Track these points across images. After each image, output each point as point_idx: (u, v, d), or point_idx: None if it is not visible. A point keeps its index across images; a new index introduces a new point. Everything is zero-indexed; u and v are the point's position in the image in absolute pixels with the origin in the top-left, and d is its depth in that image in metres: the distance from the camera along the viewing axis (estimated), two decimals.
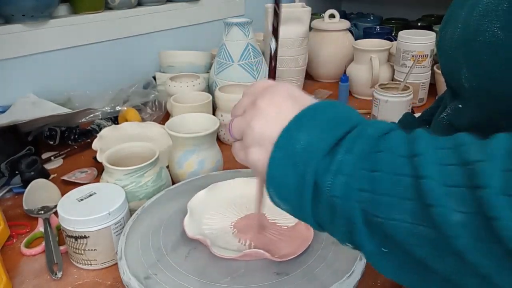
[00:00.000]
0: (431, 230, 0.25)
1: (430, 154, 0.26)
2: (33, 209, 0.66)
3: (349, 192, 0.29)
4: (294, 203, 0.32)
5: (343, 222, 0.30)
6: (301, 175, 0.31)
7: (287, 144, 0.32)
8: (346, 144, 0.30)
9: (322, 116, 0.32)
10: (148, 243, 0.51)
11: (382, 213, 0.27)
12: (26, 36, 0.98)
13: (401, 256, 0.28)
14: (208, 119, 0.74)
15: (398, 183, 0.27)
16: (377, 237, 0.28)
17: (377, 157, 0.28)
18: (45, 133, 0.87)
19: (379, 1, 1.75)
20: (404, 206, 0.26)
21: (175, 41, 1.31)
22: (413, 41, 1.04)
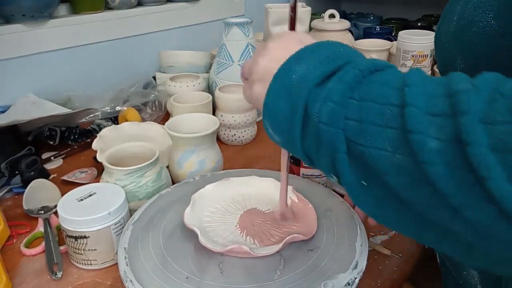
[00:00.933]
0: (408, 158, 0.25)
1: (419, 86, 0.27)
2: (33, 209, 0.66)
3: (335, 119, 0.29)
4: (286, 133, 0.33)
5: (327, 151, 0.30)
6: (293, 104, 0.32)
7: (284, 76, 0.33)
8: (340, 74, 0.31)
9: (322, 51, 0.33)
10: (148, 243, 0.51)
11: (364, 141, 0.28)
12: (26, 36, 0.98)
13: (379, 189, 0.28)
14: (208, 119, 0.74)
15: (384, 112, 0.27)
16: (358, 167, 0.29)
17: (368, 87, 0.29)
18: (45, 133, 0.87)
19: (379, 1, 1.75)
20: (386, 134, 0.27)
21: (175, 41, 1.31)
22: (413, 41, 1.04)
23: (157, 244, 0.51)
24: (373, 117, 0.27)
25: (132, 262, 0.48)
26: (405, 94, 0.26)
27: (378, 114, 0.27)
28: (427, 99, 0.26)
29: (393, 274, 0.53)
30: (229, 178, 0.62)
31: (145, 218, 0.56)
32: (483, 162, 0.22)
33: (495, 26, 0.34)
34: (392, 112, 0.27)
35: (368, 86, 0.29)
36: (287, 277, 0.45)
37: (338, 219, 0.55)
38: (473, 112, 0.23)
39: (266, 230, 0.54)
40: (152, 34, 1.25)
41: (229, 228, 0.54)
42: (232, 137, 0.88)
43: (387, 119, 0.27)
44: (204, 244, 0.48)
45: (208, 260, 0.48)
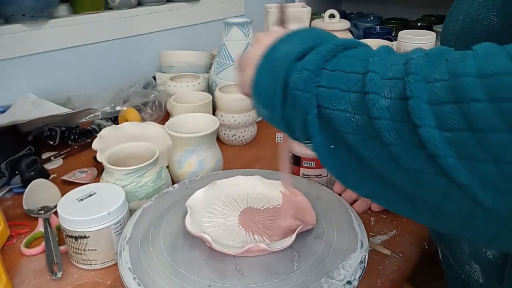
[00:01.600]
0: (364, 116, 0.29)
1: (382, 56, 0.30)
2: (33, 209, 0.66)
3: (309, 86, 0.33)
4: (269, 105, 0.36)
5: (300, 114, 0.33)
6: (275, 77, 0.35)
7: (270, 54, 0.36)
8: (317, 48, 0.34)
9: (305, 33, 0.37)
10: (148, 243, 0.51)
11: (330, 104, 0.31)
12: (26, 36, 0.98)
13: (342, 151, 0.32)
14: (208, 119, 0.74)
15: (350, 78, 0.31)
16: (326, 130, 0.32)
17: (340, 59, 0.32)
18: (45, 133, 0.87)
19: (379, 1, 1.75)
20: (349, 97, 0.30)
21: (175, 41, 1.31)
22: (413, 41, 1.04)
23: (162, 258, 0.49)
24: (340, 83, 0.31)
25: (144, 282, 0.45)
26: (368, 63, 0.30)
27: (344, 80, 0.31)
28: (386, 66, 0.29)
29: (393, 274, 0.53)
30: (215, 181, 0.61)
31: (137, 234, 0.53)
32: (418, 112, 0.26)
33: (498, 24, 0.35)
34: (356, 78, 0.30)
35: (340, 58, 0.33)
36: (305, 266, 0.47)
37: (329, 206, 0.57)
38: (419, 73, 0.27)
39: (270, 226, 0.54)
40: (152, 34, 1.25)
41: (233, 229, 0.54)
42: (232, 137, 0.88)
43: (351, 84, 0.30)
44: (219, 249, 0.48)
45: (223, 264, 0.48)
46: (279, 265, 0.47)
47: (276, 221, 0.55)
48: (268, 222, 0.55)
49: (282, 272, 0.46)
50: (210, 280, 0.45)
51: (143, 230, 0.53)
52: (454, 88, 0.25)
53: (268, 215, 0.57)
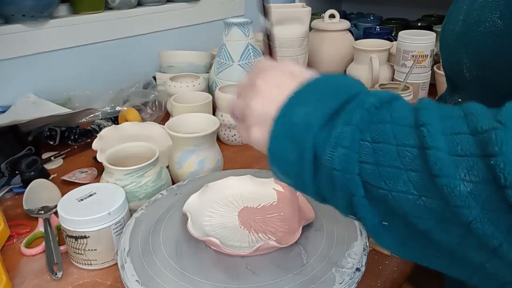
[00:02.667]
0: (437, 201, 0.25)
1: (436, 124, 0.26)
2: (33, 209, 0.66)
3: (349, 165, 0.28)
4: (296, 177, 0.32)
5: (343, 195, 0.29)
6: (300, 148, 0.30)
7: (285, 118, 0.31)
8: (345, 114, 0.29)
9: (321, 87, 0.31)
10: (148, 243, 0.51)
11: (385, 185, 0.27)
12: (26, 36, 0.98)
13: (403, 229, 0.27)
14: (208, 119, 0.74)
15: (403, 154, 0.26)
16: (379, 210, 0.28)
17: (379, 127, 0.28)
18: (45, 133, 0.87)
19: (379, 1, 1.75)
20: (408, 177, 0.26)
21: (175, 41, 1.31)
22: (413, 41, 1.04)
23: (169, 266, 0.48)
24: (390, 159, 0.26)
25: (132, 262, 0.47)
26: (423, 135, 0.25)
27: (395, 156, 0.26)
28: (449, 139, 0.25)
29: (393, 274, 0.53)
30: (207, 185, 0.60)
31: (136, 245, 0.52)
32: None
33: (502, 26, 0.34)
34: (411, 154, 0.26)
35: (378, 126, 0.28)
36: (313, 259, 0.48)
37: None
38: (507, 153, 0.22)
39: (271, 223, 0.55)
40: (152, 34, 1.25)
41: (236, 230, 0.54)
42: (232, 137, 0.88)
43: (407, 161, 0.26)
44: (229, 251, 0.48)
45: (233, 265, 0.48)
46: (288, 261, 0.48)
47: (287, 223, 0.55)
48: (269, 220, 0.55)
49: (293, 267, 0.47)
50: (224, 282, 0.45)
51: (141, 240, 0.52)
52: None
53: (267, 213, 0.57)
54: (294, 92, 0.32)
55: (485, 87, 0.38)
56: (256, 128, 0.35)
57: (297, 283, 0.44)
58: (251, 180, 0.62)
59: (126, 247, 0.51)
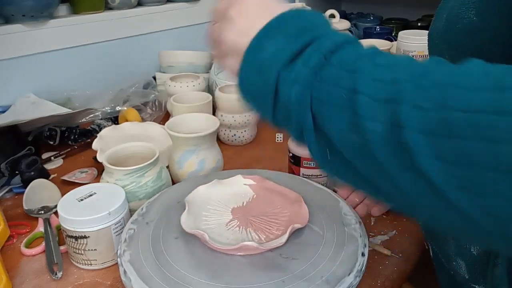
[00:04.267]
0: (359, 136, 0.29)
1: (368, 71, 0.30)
2: (33, 209, 0.66)
3: (303, 101, 0.32)
4: (259, 104, 0.37)
5: (296, 126, 0.34)
6: (265, 81, 0.34)
7: (254, 53, 0.35)
8: (304, 57, 0.33)
9: (288, 26, 0.35)
10: (151, 228, 0.51)
11: (326, 119, 0.32)
12: (26, 36, 0.98)
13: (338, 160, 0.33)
14: (208, 119, 0.74)
15: (339, 95, 0.31)
16: (322, 140, 0.33)
17: (328, 70, 0.32)
18: (45, 133, 0.87)
19: (379, 1, 1.75)
20: (341, 114, 0.30)
21: (175, 41, 1.31)
22: (413, 41, 1.04)
23: (157, 244, 0.50)
24: (331, 98, 0.31)
25: (132, 262, 0.47)
26: (356, 80, 0.30)
27: (334, 96, 0.31)
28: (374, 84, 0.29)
29: (393, 274, 0.53)
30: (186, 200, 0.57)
31: (145, 218, 0.55)
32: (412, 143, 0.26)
33: (477, 22, 0.37)
34: (345, 96, 0.30)
35: (328, 68, 0.32)
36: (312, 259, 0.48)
37: (325, 203, 0.58)
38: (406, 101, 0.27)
39: (267, 221, 0.55)
40: (152, 34, 1.25)
41: (233, 230, 0.54)
42: (232, 137, 0.88)
43: (341, 101, 0.30)
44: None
45: (233, 264, 0.48)
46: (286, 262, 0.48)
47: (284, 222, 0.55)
48: (264, 218, 0.56)
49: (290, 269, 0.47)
50: (225, 282, 0.45)
51: (141, 240, 0.51)
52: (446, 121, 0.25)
53: (261, 212, 0.57)
54: (264, 27, 0.35)
55: None
56: (228, 58, 0.38)
57: (292, 285, 0.44)
58: (220, 184, 0.61)
59: (126, 247, 0.51)
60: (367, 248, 0.49)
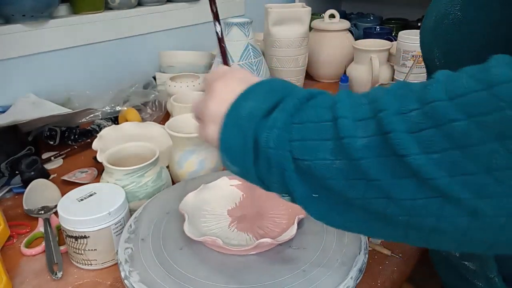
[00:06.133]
0: (343, 160, 0.30)
1: (346, 101, 0.32)
2: (33, 209, 0.66)
3: (281, 143, 0.33)
4: (240, 162, 0.37)
5: (277, 171, 0.34)
6: (244, 135, 0.35)
7: (234, 112, 0.36)
8: (281, 105, 0.35)
9: (264, 87, 0.37)
10: (148, 243, 0.51)
11: (309, 156, 0.31)
12: (26, 36, 0.98)
13: (327, 197, 0.32)
14: None
15: (321, 127, 0.31)
16: (307, 181, 0.33)
17: (306, 112, 0.33)
18: (45, 133, 0.87)
19: (379, 1, 1.75)
20: (325, 145, 0.31)
21: (175, 41, 1.31)
22: (413, 41, 1.04)
23: (157, 244, 0.51)
24: (312, 134, 0.32)
25: (132, 262, 0.47)
26: (335, 109, 0.31)
27: (316, 131, 0.32)
28: (353, 109, 0.31)
29: (393, 274, 0.53)
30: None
31: (145, 218, 0.55)
32: (400, 143, 0.27)
33: (461, 16, 0.39)
34: (327, 126, 0.31)
35: (305, 111, 0.33)
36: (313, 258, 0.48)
37: None
38: (389, 108, 0.28)
39: (267, 217, 0.55)
40: (152, 34, 1.25)
41: (237, 231, 0.54)
42: None
43: (323, 133, 0.31)
44: (232, 250, 0.48)
45: (234, 264, 0.48)
46: (288, 260, 0.48)
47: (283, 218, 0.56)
48: (261, 217, 0.56)
49: (292, 266, 0.47)
50: (225, 282, 0.45)
51: (141, 240, 0.52)
52: (429, 113, 0.26)
53: (255, 211, 0.57)
54: (243, 91, 0.37)
55: None
56: (210, 125, 0.39)
57: (297, 283, 0.44)
58: (207, 189, 0.60)
59: (131, 267, 0.49)
60: (367, 248, 0.50)
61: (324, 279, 0.44)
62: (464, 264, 0.48)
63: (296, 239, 0.51)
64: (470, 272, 0.48)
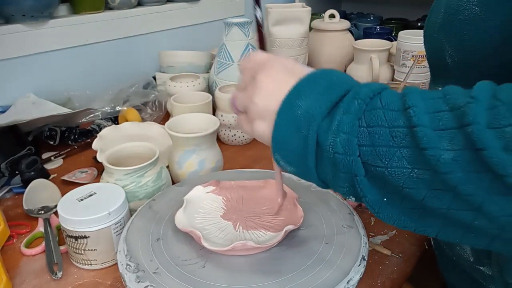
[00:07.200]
0: (426, 171, 0.28)
1: (421, 105, 0.29)
2: (33, 209, 0.66)
3: (350, 148, 0.32)
4: (299, 164, 0.35)
5: (345, 176, 0.33)
6: (304, 137, 0.34)
7: (288, 112, 0.35)
8: (343, 105, 0.33)
9: (318, 83, 0.35)
10: (148, 243, 0.51)
11: (381, 163, 0.30)
12: (26, 36, 0.98)
13: (401, 202, 0.31)
14: (208, 119, 0.74)
15: (394, 134, 0.30)
16: (378, 186, 0.32)
17: (373, 113, 0.31)
18: (45, 133, 0.87)
19: (379, 1, 1.75)
20: (401, 153, 0.29)
21: (175, 41, 1.31)
22: (413, 41, 1.04)
23: (157, 244, 0.51)
24: (384, 140, 0.30)
25: (132, 262, 0.47)
26: (410, 115, 0.29)
27: (388, 137, 0.30)
28: (431, 116, 0.29)
29: (393, 274, 0.53)
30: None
31: (145, 218, 0.55)
32: (497, 162, 0.25)
33: (479, 12, 0.38)
34: (402, 133, 0.29)
35: (373, 112, 0.31)
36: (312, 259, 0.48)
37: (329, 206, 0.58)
38: (479, 122, 0.26)
39: (264, 220, 0.55)
40: (152, 34, 1.25)
41: (228, 229, 0.54)
42: (232, 137, 0.88)
43: (398, 140, 0.30)
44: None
45: (234, 265, 0.48)
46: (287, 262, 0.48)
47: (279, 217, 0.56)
48: (259, 217, 0.56)
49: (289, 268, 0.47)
50: (225, 282, 0.45)
51: (141, 240, 0.51)
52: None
53: (253, 212, 0.57)
54: (294, 87, 0.35)
55: (465, 70, 0.42)
56: (258, 121, 0.38)
57: (295, 284, 0.44)
58: (190, 203, 0.57)
59: (127, 238, 0.51)
60: (367, 248, 0.50)
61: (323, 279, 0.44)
62: (479, 269, 0.47)
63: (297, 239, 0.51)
64: (486, 277, 0.46)
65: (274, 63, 0.38)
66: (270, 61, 0.39)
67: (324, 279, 0.45)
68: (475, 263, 0.47)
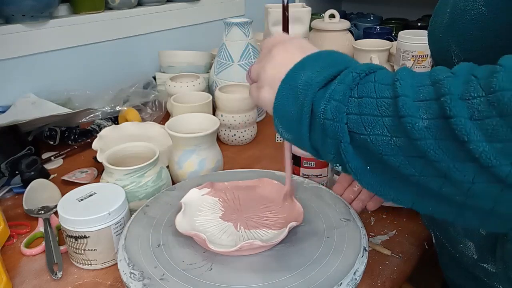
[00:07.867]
0: (403, 138, 0.30)
1: (407, 79, 0.32)
2: (33, 209, 0.66)
3: (339, 115, 0.34)
4: (295, 130, 0.38)
5: (332, 142, 0.35)
6: (301, 104, 0.36)
7: (291, 80, 0.37)
8: (340, 77, 0.35)
9: (323, 59, 0.38)
10: (149, 243, 0.51)
11: (365, 130, 0.32)
12: (26, 36, 0.99)
13: (383, 172, 0.33)
14: (208, 119, 0.74)
15: (380, 104, 0.32)
16: (362, 153, 0.34)
17: (365, 86, 0.34)
18: (45, 133, 0.87)
19: (379, 1, 1.75)
20: (383, 122, 0.32)
21: (175, 41, 1.31)
22: (413, 41, 1.04)
23: (157, 244, 0.51)
24: (371, 109, 0.32)
25: (132, 262, 0.47)
26: (396, 87, 0.31)
27: (374, 106, 0.32)
28: (415, 89, 0.31)
29: (393, 274, 0.53)
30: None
31: (145, 218, 0.55)
32: (463, 129, 0.27)
33: (485, 12, 0.39)
34: (386, 103, 0.32)
35: (364, 85, 0.34)
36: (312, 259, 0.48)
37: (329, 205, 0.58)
38: (453, 92, 0.28)
39: (264, 218, 0.56)
40: (152, 34, 1.25)
41: (230, 230, 0.54)
42: (232, 137, 0.88)
43: (382, 109, 0.32)
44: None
45: (234, 265, 0.48)
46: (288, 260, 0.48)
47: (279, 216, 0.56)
48: (259, 216, 0.56)
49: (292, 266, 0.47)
50: (225, 283, 0.45)
51: (141, 240, 0.51)
52: (495, 102, 0.26)
53: (252, 212, 0.57)
54: (300, 61, 0.38)
55: None
56: (266, 88, 0.40)
57: (296, 283, 0.44)
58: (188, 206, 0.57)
59: (126, 246, 0.50)
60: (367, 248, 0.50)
61: (322, 280, 0.44)
62: (482, 266, 0.47)
63: None
64: (489, 275, 0.46)
65: (292, 41, 0.42)
66: (288, 39, 0.43)
67: (331, 272, 0.45)
68: (479, 260, 0.47)
